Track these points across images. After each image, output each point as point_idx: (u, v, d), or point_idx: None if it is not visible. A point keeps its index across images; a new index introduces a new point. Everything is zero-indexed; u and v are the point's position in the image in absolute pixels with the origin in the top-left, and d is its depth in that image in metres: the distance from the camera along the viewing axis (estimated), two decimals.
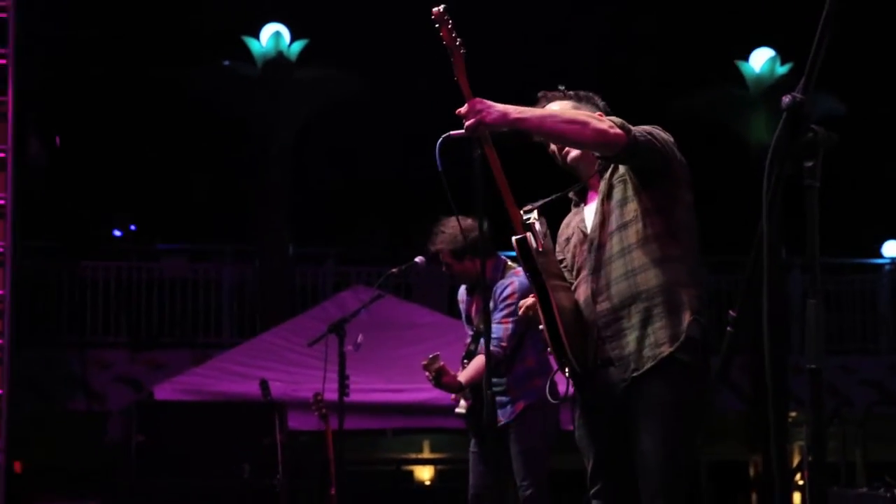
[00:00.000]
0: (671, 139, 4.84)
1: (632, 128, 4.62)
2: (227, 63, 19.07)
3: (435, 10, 4.59)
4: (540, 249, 4.83)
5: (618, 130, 4.58)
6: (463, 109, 4.56)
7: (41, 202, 13.90)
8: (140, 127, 19.27)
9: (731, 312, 3.80)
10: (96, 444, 14.10)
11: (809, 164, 2.94)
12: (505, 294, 7.26)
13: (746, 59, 20.42)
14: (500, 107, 4.57)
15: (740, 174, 18.61)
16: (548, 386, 5.11)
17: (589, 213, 5.04)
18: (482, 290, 6.03)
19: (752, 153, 18.59)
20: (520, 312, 5.14)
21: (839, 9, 3.04)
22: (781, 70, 19.55)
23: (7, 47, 10.34)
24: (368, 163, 19.17)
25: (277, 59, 18.98)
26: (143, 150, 19.70)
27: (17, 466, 11.06)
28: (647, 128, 4.75)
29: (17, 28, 10.46)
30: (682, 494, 4.68)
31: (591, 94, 5.17)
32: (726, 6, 21.09)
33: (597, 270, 4.83)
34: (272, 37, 19.03)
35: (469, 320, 7.67)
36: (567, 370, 4.75)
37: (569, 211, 5.33)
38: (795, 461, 15.49)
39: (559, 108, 5.02)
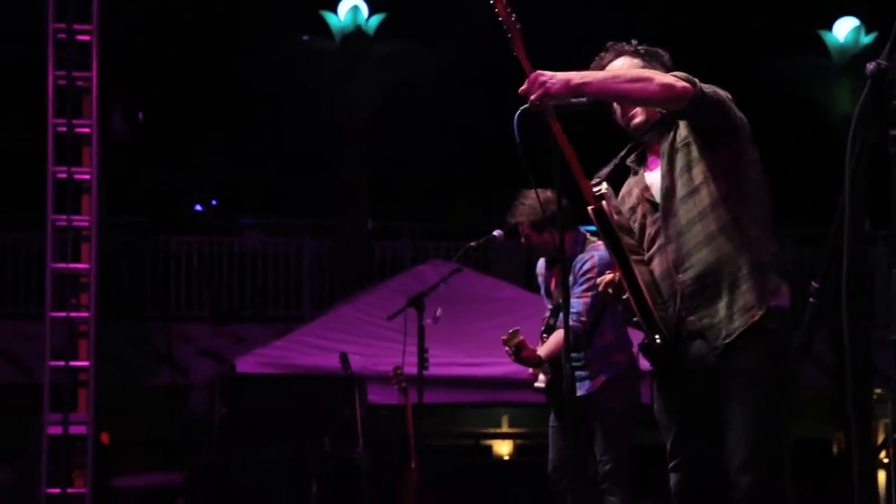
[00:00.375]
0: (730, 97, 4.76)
1: (698, 84, 4.55)
2: (305, 38, 19.21)
3: None
4: (615, 218, 4.78)
5: (685, 84, 4.53)
6: (525, 86, 4.53)
7: (125, 178, 13.98)
8: (222, 102, 19.38)
9: (812, 284, 3.76)
10: (179, 416, 14.22)
11: (894, 132, 2.89)
12: (585, 268, 7.21)
13: (830, 28, 20.15)
14: (562, 75, 4.52)
15: (823, 145, 18.32)
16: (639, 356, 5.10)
17: (653, 180, 4.96)
18: (561, 263, 5.97)
19: (835, 123, 18.33)
20: (599, 288, 5.02)
21: None
22: (866, 40, 19.30)
23: (91, 23, 10.43)
24: (446, 137, 19.17)
25: (355, 34, 19.07)
26: (224, 126, 19.82)
27: (105, 438, 11.17)
28: (690, 78, 4.62)
29: (101, 4, 10.55)
30: (771, 468, 4.60)
31: (658, 50, 5.09)
32: None
33: (673, 239, 4.76)
34: (350, 11, 19.17)
35: (548, 294, 7.63)
36: (658, 340, 4.66)
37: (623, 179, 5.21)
38: (880, 439, 15.36)
39: (622, 64, 4.96)
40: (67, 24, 10.40)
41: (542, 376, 7.27)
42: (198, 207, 20.91)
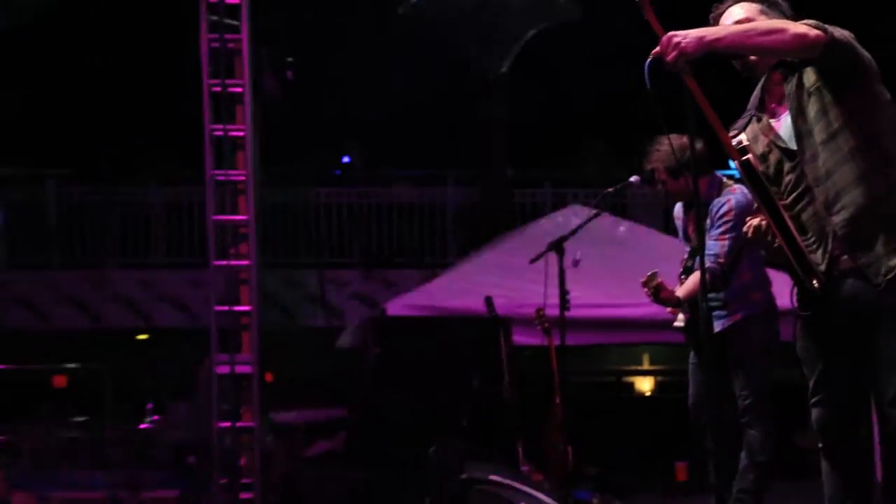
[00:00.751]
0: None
1: (828, 28, 4.45)
2: None
3: None
4: (761, 169, 4.72)
5: (817, 31, 4.43)
6: (658, 48, 4.42)
7: (277, 133, 14.36)
8: (366, 58, 19.54)
9: None
10: (334, 356, 14.57)
11: None
12: (722, 211, 7.22)
13: None
14: (694, 33, 4.42)
15: None
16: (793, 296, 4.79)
17: (782, 127, 4.81)
18: (696, 207, 6.15)
19: None
20: (749, 233, 4.89)
21: None
22: None
23: None
24: (582, 86, 19.21)
25: None
26: (369, 81, 20.00)
27: (268, 376, 11.57)
28: (819, 25, 4.52)
29: None
30: None
31: None
32: None
33: (821, 182, 4.58)
34: None
35: (686, 237, 7.67)
36: (815, 284, 4.55)
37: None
38: None
39: (745, 13, 4.86)
40: None
41: (681, 316, 7.34)
42: (346, 160, 21.21)
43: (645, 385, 19.97)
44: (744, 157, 4.66)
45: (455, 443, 7.99)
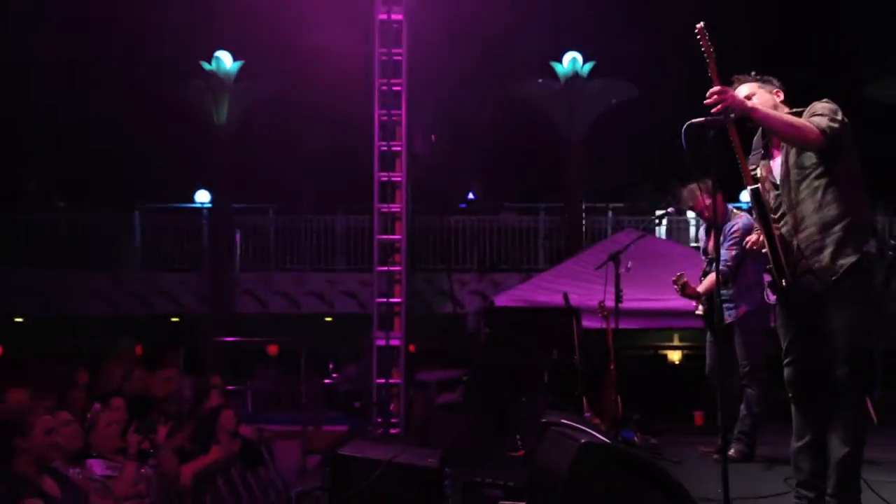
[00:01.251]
0: (838, 109, 4.73)
1: (826, 128, 4.57)
2: (540, 81, 19.28)
3: (698, 25, 4.60)
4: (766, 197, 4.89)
5: (817, 134, 4.57)
6: (712, 99, 4.56)
7: (423, 178, 14.29)
8: (485, 124, 19.34)
9: (892, 242, 3.98)
10: (458, 333, 14.51)
11: None
12: (731, 231, 7.26)
13: None
14: (740, 97, 4.69)
15: None
16: (766, 291, 5.03)
17: (775, 166, 4.93)
18: (716, 229, 6.14)
19: None
20: (748, 247, 5.20)
21: None
22: None
23: (401, 77, 10.75)
24: (636, 144, 18.96)
25: (574, 77, 19.15)
26: (488, 141, 19.88)
27: (412, 348, 11.57)
28: (829, 115, 4.65)
29: (409, 34, 10.89)
30: (863, 363, 4.64)
31: (770, 77, 5.06)
32: None
33: (793, 208, 4.75)
34: (571, 61, 19.15)
35: (705, 252, 7.69)
36: (783, 280, 4.75)
37: None
38: None
39: (748, 89, 4.96)
40: (387, 81, 10.75)
41: (700, 307, 7.40)
42: (470, 196, 21.19)
43: (675, 356, 19.76)
44: (755, 186, 4.90)
45: (539, 396, 7.93)
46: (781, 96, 4.99)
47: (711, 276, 6.99)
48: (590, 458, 4.35)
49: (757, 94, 4.93)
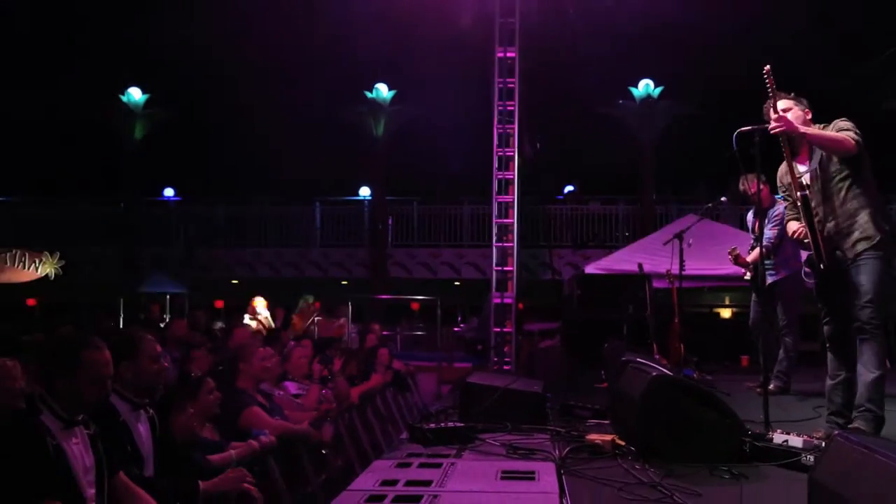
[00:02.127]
0: (855, 125, 4.67)
1: (858, 139, 4.56)
2: (620, 101, 19.13)
3: (766, 68, 4.57)
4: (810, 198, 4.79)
5: (853, 144, 4.53)
6: (774, 124, 4.59)
7: (531, 176, 14.14)
8: (583, 132, 19.30)
9: None
10: (556, 294, 14.42)
11: None
12: (774, 214, 7.07)
13: None
14: (793, 122, 4.61)
15: None
16: (803, 269, 5.00)
17: (802, 169, 4.82)
18: (761, 214, 6.07)
19: None
20: (794, 236, 5.00)
21: None
22: None
23: (513, 101, 10.71)
24: (699, 150, 18.67)
25: (647, 99, 18.92)
26: (585, 148, 19.81)
27: (521, 305, 11.54)
28: (853, 129, 4.62)
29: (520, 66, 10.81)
30: (880, 312, 4.59)
31: (802, 98, 4.92)
32: None
33: (821, 204, 4.69)
34: (645, 87, 19.01)
35: (753, 231, 7.44)
36: (821, 264, 4.69)
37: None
38: None
39: (786, 104, 4.79)
40: (503, 103, 10.73)
41: (748, 273, 7.28)
42: (568, 188, 20.98)
43: (726, 313, 19.38)
44: (804, 192, 4.77)
45: (619, 342, 7.84)
46: (810, 115, 4.88)
47: (757, 250, 6.75)
48: (658, 387, 4.33)
49: (792, 111, 4.81)
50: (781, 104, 4.80)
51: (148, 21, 18.47)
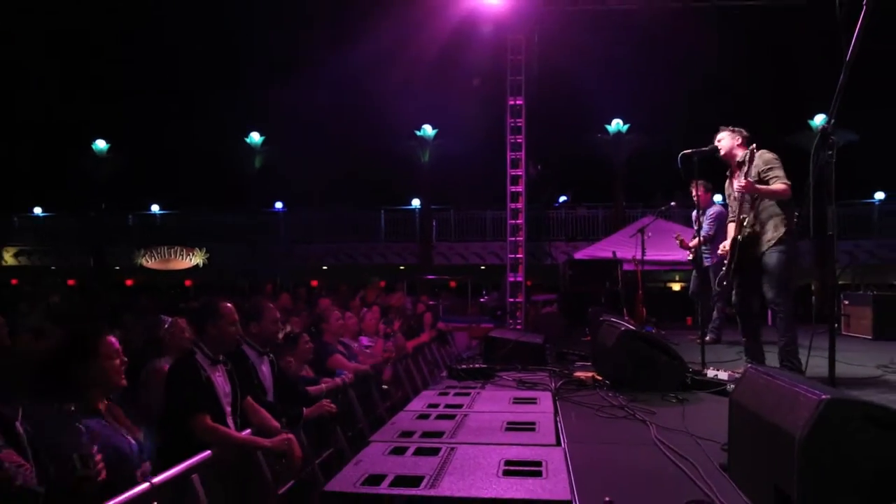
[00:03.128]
0: (776, 157, 4.45)
1: (788, 184, 4.33)
2: (599, 135, 18.85)
3: (752, 147, 4.42)
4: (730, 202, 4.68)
5: (786, 189, 4.33)
6: (739, 188, 4.39)
7: (534, 191, 13.95)
8: (566, 160, 19.13)
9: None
10: (554, 274, 14.31)
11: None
12: (710, 213, 6.81)
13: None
14: (751, 185, 4.36)
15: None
16: (720, 274, 4.78)
17: (735, 185, 4.62)
18: (699, 214, 5.93)
19: None
20: (720, 251, 4.85)
21: None
22: None
23: (521, 135, 10.64)
24: (654, 165, 18.28)
25: (618, 135, 18.61)
26: (578, 164, 19.60)
27: (528, 282, 11.31)
28: (778, 167, 4.39)
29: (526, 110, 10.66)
30: (788, 302, 4.46)
31: (741, 129, 4.69)
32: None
33: (743, 212, 4.50)
34: (616, 125, 18.75)
35: (695, 224, 7.16)
36: (733, 263, 4.55)
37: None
38: None
39: (723, 136, 4.63)
40: (513, 137, 10.64)
41: (691, 255, 6.94)
42: (563, 198, 20.71)
43: (676, 287, 18.87)
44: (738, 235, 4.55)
45: (599, 308, 7.78)
46: (740, 140, 4.69)
47: (697, 239, 6.51)
48: (626, 338, 4.32)
49: (724, 138, 4.69)
50: (722, 135, 4.70)
51: (265, 82, 19.03)
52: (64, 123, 21.56)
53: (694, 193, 6.52)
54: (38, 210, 22.50)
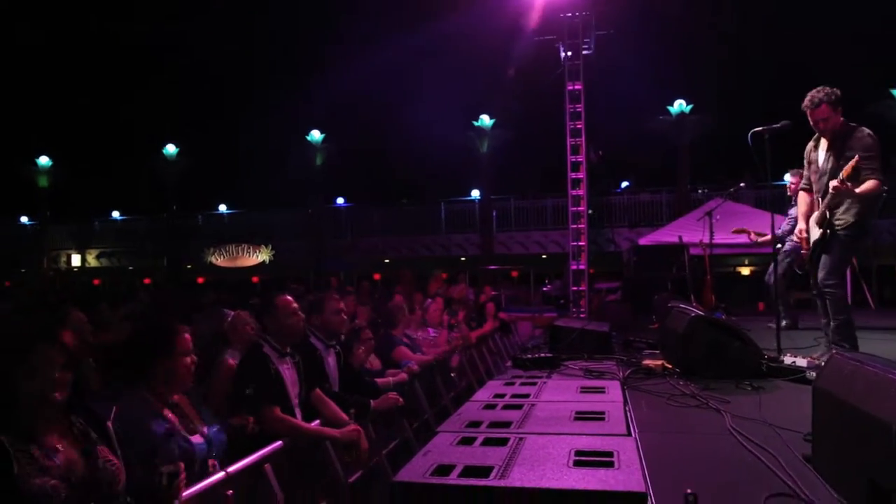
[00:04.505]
0: (875, 143, 4.08)
1: (880, 176, 4.02)
2: (661, 117, 18.36)
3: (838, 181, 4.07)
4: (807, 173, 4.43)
5: (879, 185, 4.02)
6: (835, 187, 4.04)
7: (596, 175, 13.69)
8: (628, 146, 18.73)
9: None
10: (617, 262, 14.05)
11: None
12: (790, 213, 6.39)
13: None
14: (846, 187, 4.00)
15: None
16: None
17: (820, 157, 4.36)
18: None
19: None
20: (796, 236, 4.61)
21: None
22: None
23: (580, 120, 10.47)
24: (720, 146, 17.70)
25: (681, 116, 18.10)
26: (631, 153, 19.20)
27: (591, 270, 11.22)
28: (874, 154, 4.05)
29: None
30: (839, 285, 4.26)
31: (834, 89, 4.21)
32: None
33: (822, 186, 4.28)
34: (679, 107, 18.19)
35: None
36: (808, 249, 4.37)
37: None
38: None
39: (817, 100, 4.17)
40: (573, 123, 10.51)
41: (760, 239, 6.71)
42: (624, 183, 20.17)
43: (746, 271, 18.19)
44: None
45: (666, 294, 7.60)
46: (838, 106, 4.24)
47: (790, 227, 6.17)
48: (697, 324, 4.19)
49: (821, 105, 4.22)
50: (813, 100, 4.25)
51: (326, 79, 19.46)
52: (137, 130, 22.64)
53: (790, 181, 6.14)
54: (115, 214, 23.71)
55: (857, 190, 4.09)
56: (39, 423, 1.78)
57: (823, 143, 4.42)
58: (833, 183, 4.11)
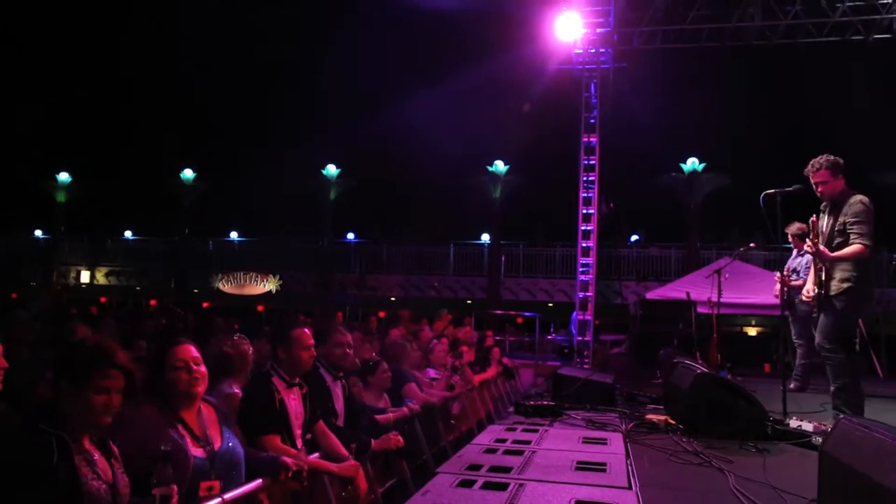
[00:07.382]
0: (868, 209, 4.10)
1: (866, 242, 4.07)
2: (673, 174, 18.59)
3: (812, 219, 4.24)
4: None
5: (863, 248, 4.05)
6: (809, 248, 4.17)
7: (605, 226, 13.76)
8: (639, 201, 18.83)
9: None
10: (623, 314, 13.98)
11: None
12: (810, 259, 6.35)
13: None
14: (822, 252, 4.14)
15: None
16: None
17: (822, 224, 4.36)
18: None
19: None
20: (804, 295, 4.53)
21: None
22: None
23: (594, 173, 10.56)
24: (731, 205, 17.79)
25: (693, 174, 18.26)
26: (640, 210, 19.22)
27: (597, 321, 11.10)
28: (863, 220, 4.07)
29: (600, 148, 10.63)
30: (839, 341, 4.20)
31: (836, 158, 4.27)
32: None
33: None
34: (692, 164, 18.36)
35: (795, 271, 6.57)
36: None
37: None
38: None
39: (820, 167, 4.22)
40: (586, 175, 10.59)
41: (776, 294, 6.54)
42: (634, 237, 20.25)
43: (752, 332, 18.03)
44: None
45: (671, 350, 7.54)
46: (838, 173, 4.29)
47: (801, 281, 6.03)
48: (702, 381, 4.18)
49: (824, 173, 4.27)
50: (816, 167, 4.31)
51: (343, 117, 19.78)
52: (157, 153, 23.04)
53: (790, 236, 6.14)
54: (128, 233, 23.92)
55: (834, 254, 4.15)
56: (90, 433, 1.92)
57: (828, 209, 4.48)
58: (807, 248, 4.17)
